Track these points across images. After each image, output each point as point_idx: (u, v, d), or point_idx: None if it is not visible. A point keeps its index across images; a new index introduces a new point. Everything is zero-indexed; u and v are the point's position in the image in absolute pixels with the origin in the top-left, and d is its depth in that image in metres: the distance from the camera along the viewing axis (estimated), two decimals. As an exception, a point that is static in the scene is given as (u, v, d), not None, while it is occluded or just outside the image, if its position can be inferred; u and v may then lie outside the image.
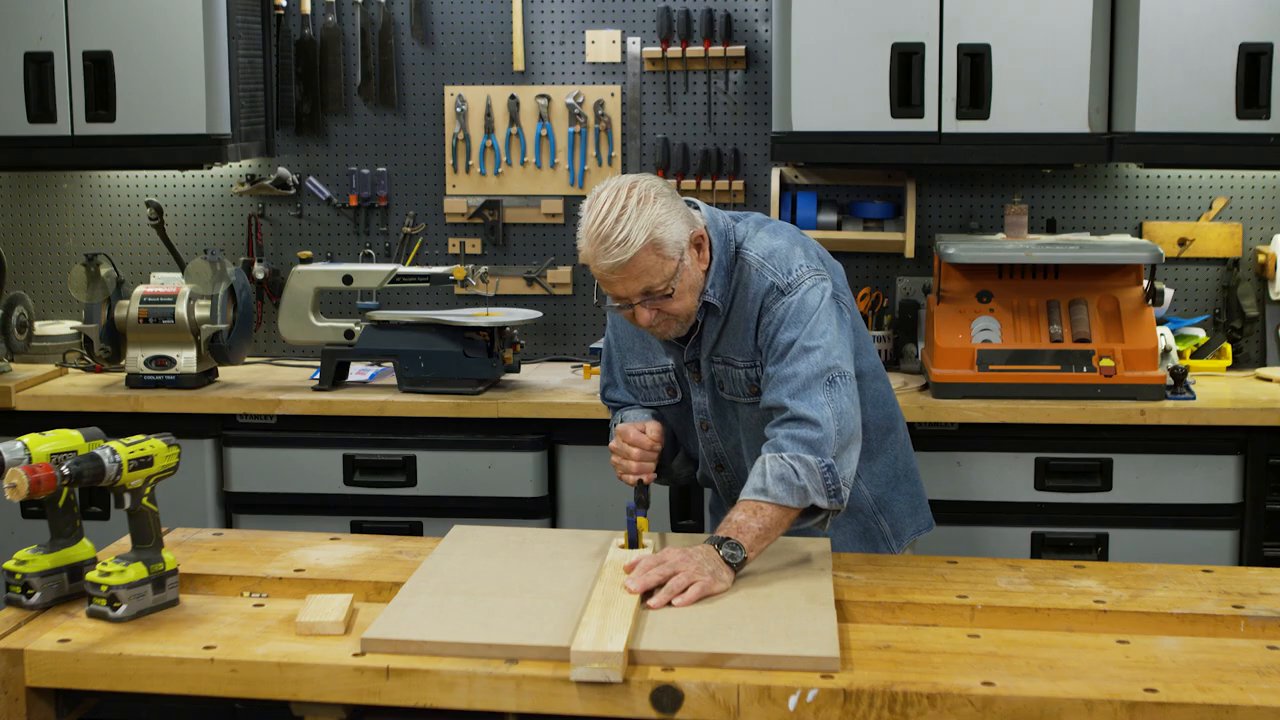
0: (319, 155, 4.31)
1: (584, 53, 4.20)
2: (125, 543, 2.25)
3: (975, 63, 3.70)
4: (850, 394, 2.35)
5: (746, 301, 2.43)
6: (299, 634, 2.04)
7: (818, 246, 2.53)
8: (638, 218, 2.29)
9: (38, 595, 2.16)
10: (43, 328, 4.15)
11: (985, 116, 3.71)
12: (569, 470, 3.72)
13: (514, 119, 4.21)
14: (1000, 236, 3.96)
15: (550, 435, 3.71)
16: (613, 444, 2.54)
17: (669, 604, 2.09)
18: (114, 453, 2.09)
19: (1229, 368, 3.97)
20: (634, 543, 2.32)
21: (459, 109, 4.22)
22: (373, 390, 3.82)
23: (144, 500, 2.15)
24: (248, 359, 4.17)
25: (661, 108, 4.19)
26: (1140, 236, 4.08)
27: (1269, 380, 3.84)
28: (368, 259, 4.29)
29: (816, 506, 2.26)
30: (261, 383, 3.92)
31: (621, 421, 2.61)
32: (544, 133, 4.20)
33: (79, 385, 3.87)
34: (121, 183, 4.36)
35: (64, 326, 4.18)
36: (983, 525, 3.60)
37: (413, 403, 3.70)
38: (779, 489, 2.24)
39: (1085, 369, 3.59)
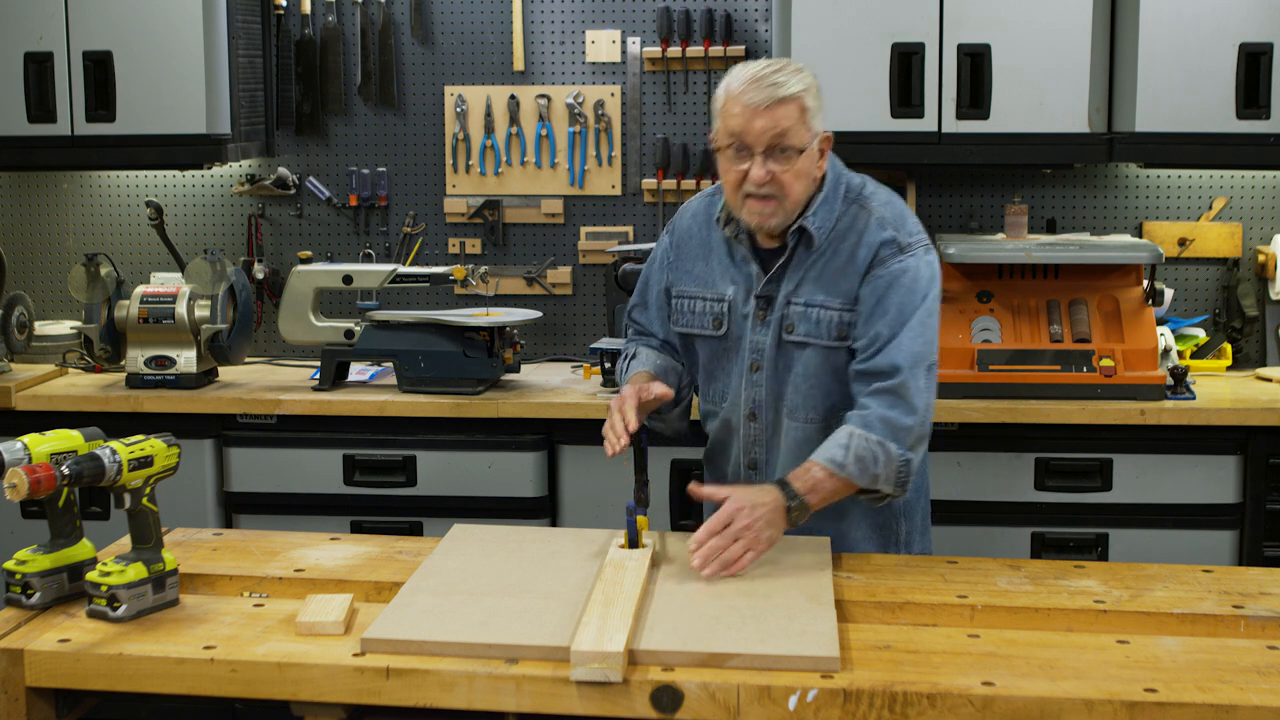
0: (319, 155, 4.31)
1: (584, 53, 4.20)
2: (125, 543, 2.25)
3: (975, 63, 3.70)
4: (935, 386, 2.42)
5: (857, 246, 2.43)
6: (299, 634, 2.04)
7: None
8: (796, 77, 2.36)
9: (38, 595, 2.16)
10: (43, 328, 4.15)
11: (985, 116, 3.71)
12: (569, 470, 3.72)
13: (514, 119, 4.21)
14: (1000, 236, 3.96)
15: (550, 435, 3.71)
16: (611, 406, 2.40)
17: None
18: (114, 453, 2.09)
19: (1229, 368, 3.97)
20: (634, 542, 2.32)
21: (459, 109, 4.22)
22: (373, 390, 3.82)
23: (144, 500, 2.15)
24: (248, 359, 4.17)
25: (661, 108, 4.19)
26: (1140, 236, 4.08)
27: (1269, 380, 3.84)
28: (368, 259, 4.29)
29: (879, 490, 2.36)
30: (261, 383, 3.92)
31: (630, 370, 2.56)
32: (544, 133, 4.20)
33: (79, 385, 3.87)
34: (121, 183, 4.36)
35: (64, 326, 4.18)
36: (983, 525, 3.60)
37: (413, 403, 3.70)
38: (855, 468, 2.31)
39: (1085, 369, 3.59)
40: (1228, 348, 3.99)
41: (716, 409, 2.59)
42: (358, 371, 4.01)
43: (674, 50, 4.12)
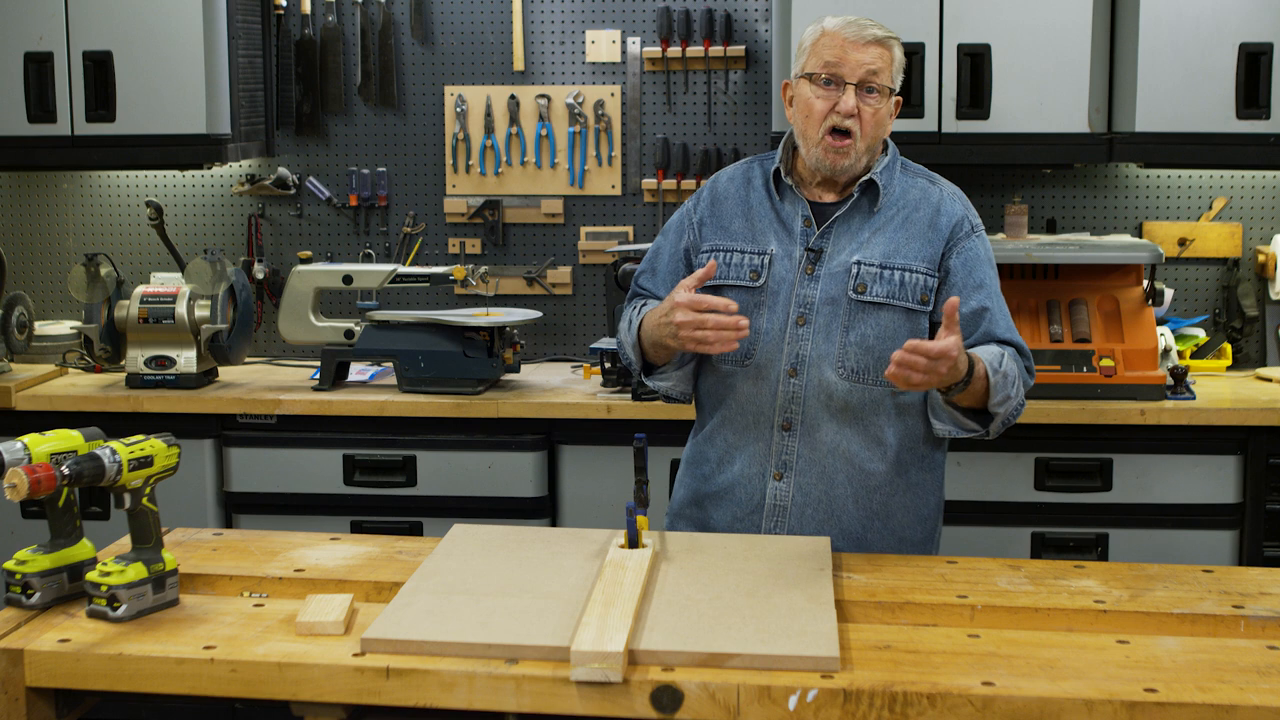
0: (319, 155, 4.31)
1: (584, 53, 4.20)
2: (125, 543, 2.24)
3: (975, 63, 3.70)
4: None
5: (936, 215, 2.47)
6: (299, 634, 2.04)
7: None
8: (892, 32, 2.46)
9: (38, 595, 2.16)
10: (43, 328, 4.15)
11: (985, 116, 3.71)
12: (569, 470, 3.72)
13: (514, 119, 4.21)
14: (1000, 236, 3.96)
15: (550, 435, 3.71)
16: (680, 314, 2.30)
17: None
18: (114, 453, 2.08)
19: (1229, 368, 3.97)
20: (634, 542, 2.32)
21: (459, 109, 4.22)
22: (373, 390, 3.82)
23: (144, 500, 2.15)
24: (248, 359, 4.17)
25: (661, 108, 4.19)
26: (1140, 236, 4.08)
27: (1269, 380, 3.84)
28: (368, 259, 4.29)
29: (990, 415, 2.36)
30: (261, 383, 3.92)
31: (640, 313, 2.49)
32: (544, 133, 4.20)
33: (79, 385, 3.87)
34: (121, 183, 4.36)
35: (64, 326, 4.18)
36: (983, 525, 3.60)
37: (413, 403, 3.70)
38: (999, 380, 2.31)
39: (1085, 369, 3.59)
40: (1228, 348, 3.99)
41: (736, 369, 2.49)
42: (358, 371, 4.01)
43: (674, 50, 4.12)
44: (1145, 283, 3.73)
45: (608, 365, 3.72)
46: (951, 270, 2.44)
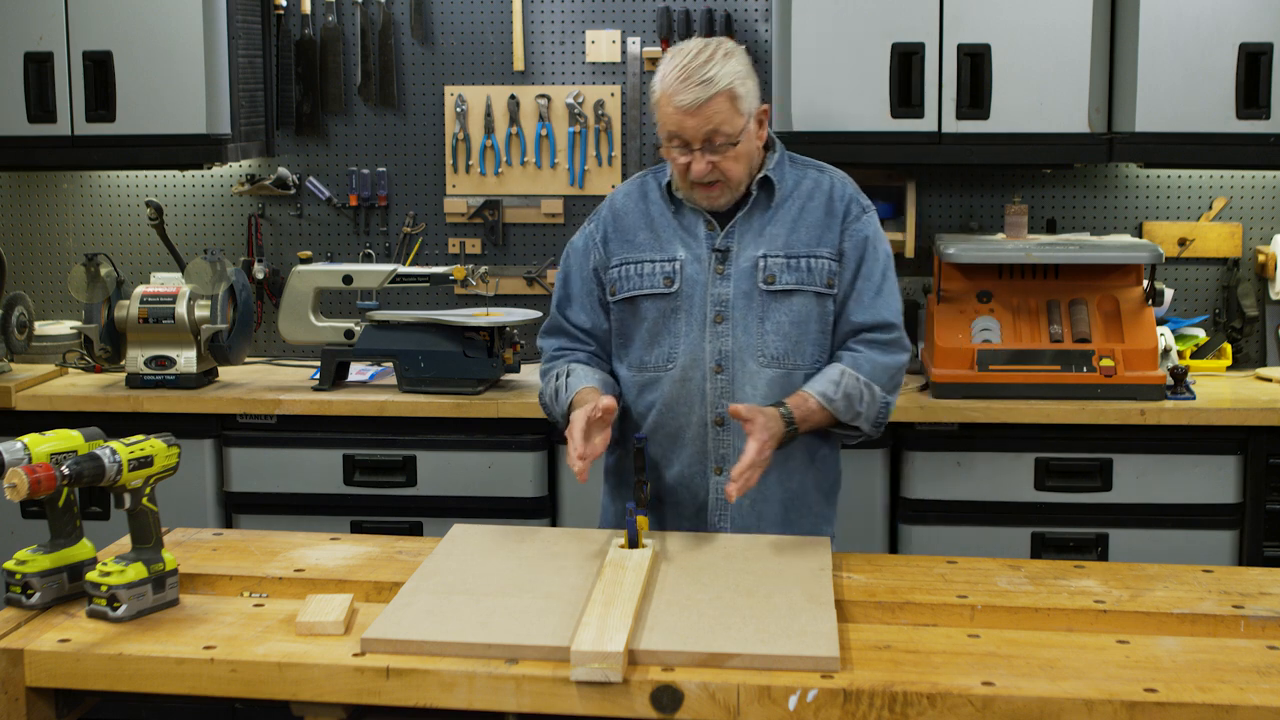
0: (319, 155, 4.31)
1: (584, 53, 4.20)
2: (125, 543, 2.25)
3: (975, 63, 3.70)
4: None
5: (830, 200, 2.58)
6: (299, 634, 2.04)
7: None
8: (723, 66, 2.46)
9: (38, 595, 2.16)
10: (43, 328, 4.15)
11: (985, 116, 3.71)
12: (569, 470, 3.70)
13: (514, 119, 4.21)
14: (1000, 236, 3.96)
15: (550, 435, 3.71)
16: (567, 434, 2.43)
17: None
18: (114, 453, 2.09)
19: (1229, 368, 3.97)
20: (634, 542, 2.32)
21: (459, 109, 4.22)
22: (373, 390, 3.82)
23: (144, 500, 2.15)
24: (248, 359, 4.17)
25: (661, 108, 4.18)
26: (1140, 236, 4.08)
27: (1269, 380, 3.84)
28: (368, 259, 4.29)
29: (860, 427, 2.53)
30: (261, 383, 3.92)
31: (570, 389, 2.55)
32: (544, 133, 4.20)
33: (79, 385, 3.87)
34: (121, 183, 4.36)
35: (64, 326, 4.18)
36: (983, 525, 3.60)
37: (413, 403, 3.70)
38: (842, 404, 2.48)
39: (1085, 369, 3.59)
40: (1228, 348, 3.99)
41: (662, 373, 2.57)
42: (358, 371, 4.01)
43: (674, 50, 4.12)
44: (1145, 283, 3.73)
45: (608, 365, 3.72)
46: (845, 254, 2.57)
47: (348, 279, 3.90)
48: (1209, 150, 3.69)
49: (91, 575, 2.13)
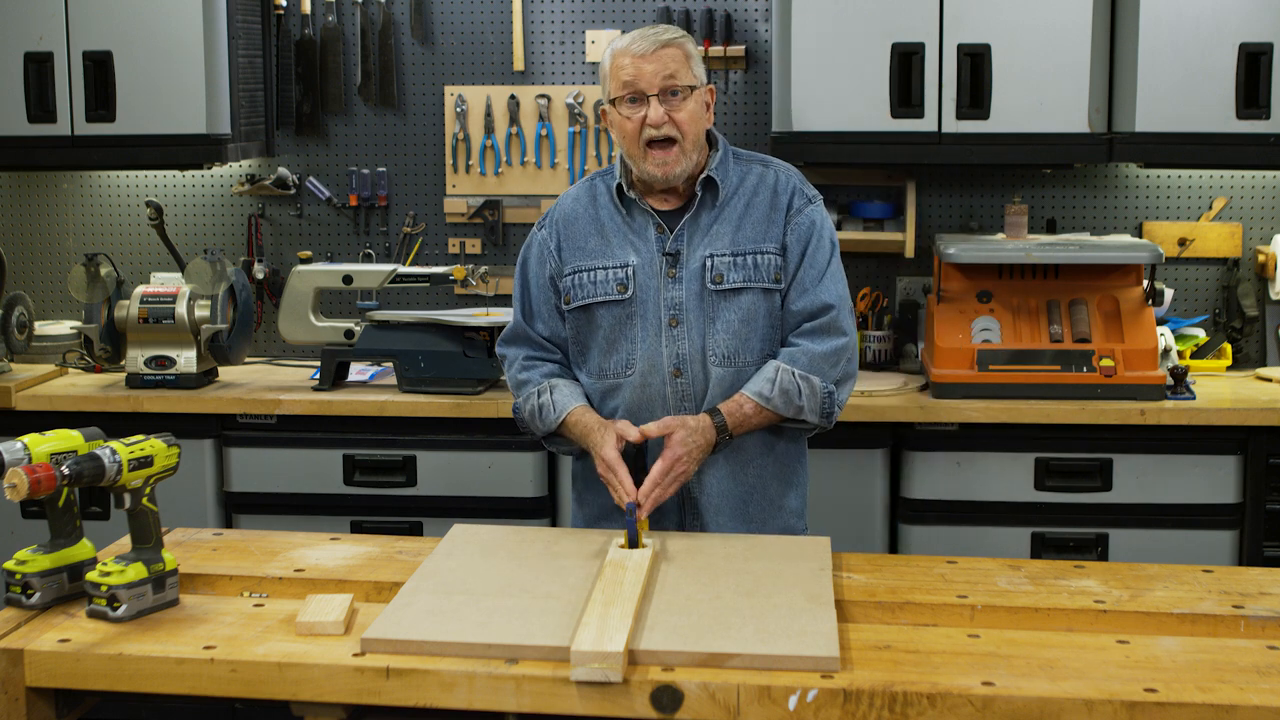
0: (319, 155, 4.31)
1: (584, 53, 4.20)
2: (125, 543, 2.25)
3: (975, 63, 3.70)
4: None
5: (775, 194, 2.59)
6: (299, 634, 2.04)
7: None
8: (676, 32, 2.56)
9: (38, 595, 2.16)
10: (43, 328, 4.15)
11: (985, 116, 3.71)
12: (569, 470, 3.70)
13: (514, 119, 4.21)
14: (1000, 236, 3.96)
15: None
16: (605, 474, 2.49)
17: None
18: (114, 453, 2.09)
19: (1229, 368, 3.97)
20: (634, 542, 2.32)
21: (459, 109, 4.22)
22: (373, 390, 3.82)
23: (144, 500, 2.15)
24: (248, 359, 4.17)
25: (661, 108, 4.19)
26: (1140, 236, 4.08)
27: (1269, 380, 3.84)
28: (368, 259, 4.29)
29: (806, 420, 2.54)
30: (261, 383, 3.92)
31: (559, 407, 2.57)
32: (544, 133, 4.20)
33: (79, 385, 3.87)
34: (121, 183, 4.36)
35: (64, 326, 4.18)
36: (983, 525, 3.60)
37: (413, 403, 3.70)
38: (780, 401, 2.50)
39: (1085, 369, 3.59)
40: (1228, 348, 3.99)
41: (620, 380, 2.58)
42: (358, 371, 4.01)
43: (674, 50, 4.12)
44: (1145, 283, 3.73)
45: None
46: (788, 247, 2.57)
47: (348, 279, 3.90)
48: (1209, 150, 3.69)
49: (91, 575, 2.12)
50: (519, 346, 2.69)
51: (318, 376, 3.90)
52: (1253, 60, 3.62)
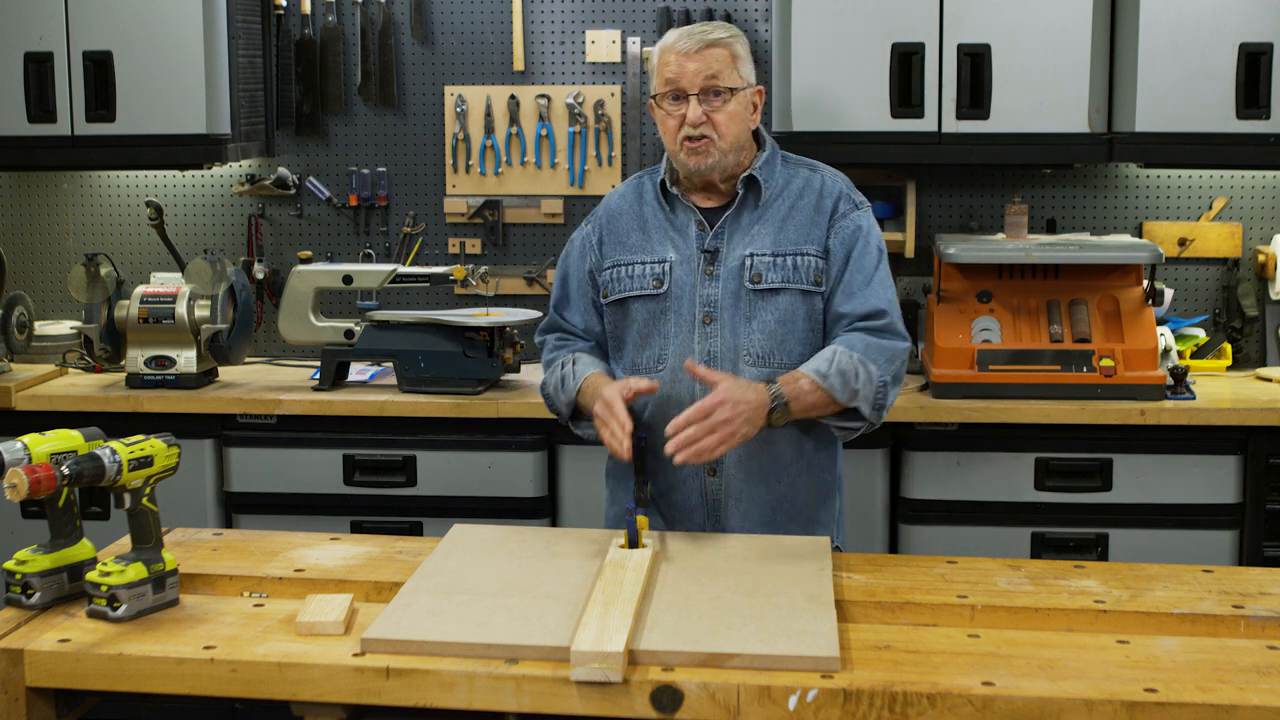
0: (319, 155, 4.31)
1: (584, 53, 4.20)
2: (125, 543, 2.25)
3: (975, 63, 3.70)
4: None
5: (820, 198, 2.57)
6: (299, 634, 2.04)
7: None
8: (725, 29, 2.55)
9: (38, 595, 2.16)
10: (43, 328, 4.15)
11: (985, 116, 3.71)
12: (569, 470, 3.72)
13: (514, 119, 4.21)
14: (1000, 236, 3.96)
15: (550, 435, 3.71)
16: (598, 406, 2.44)
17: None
18: (114, 453, 2.09)
19: (1229, 368, 3.97)
20: (634, 542, 2.32)
21: (459, 109, 4.22)
22: (373, 390, 3.82)
23: (144, 500, 2.15)
24: (248, 359, 4.17)
25: (661, 108, 4.18)
26: (1140, 236, 4.08)
27: (1269, 380, 3.84)
28: (368, 259, 4.29)
29: (859, 412, 2.46)
30: (261, 383, 3.92)
31: (578, 375, 2.57)
32: (544, 133, 4.20)
33: (79, 385, 3.87)
34: (121, 183, 4.36)
35: (64, 326, 4.18)
36: (983, 525, 3.60)
37: (413, 403, 3.70)
38: (837, 381, 2.42)
39: (1085, 369, 3.59)
40: (1228, 348, 3.99)
41: (653, 374, 2.57)
42: (358, 371, 4.01)
43: (674, 50, 4.12)
44: (1145, 283, 3.73)
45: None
46: (831, 250, 2.55)
47: (348, 279, 3.90)
48: (1209, 150, 3.69)
49: (91, 575, 2.12)
50: (552, 334, 2.74)
51: (318, 376, 3.90)
52: (1253, 60, 3.62)
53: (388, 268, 3.89)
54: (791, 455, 2.57)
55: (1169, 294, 3.91)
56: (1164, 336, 3.77)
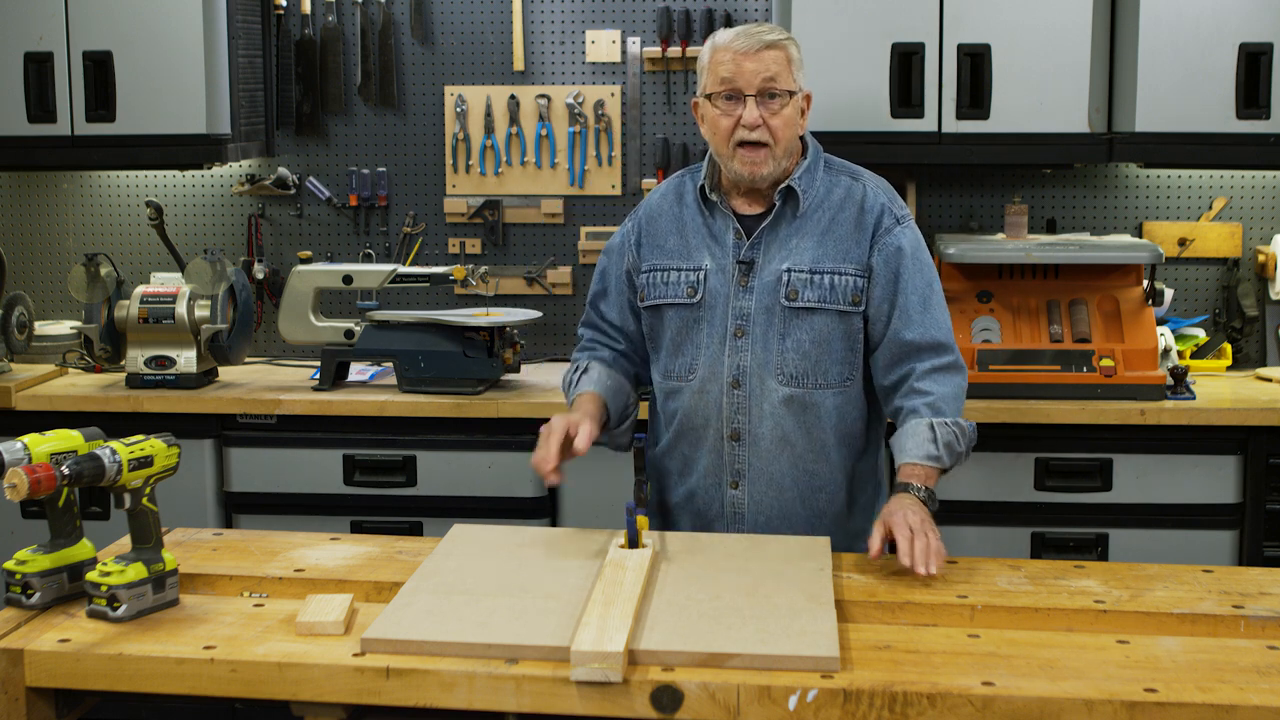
0: (319, 155, 4.31)
1: (584, 53, 4.20)
2: (125, 543, 2.25)
3: (975, 63, 3.70)
4: None
5: (861, 213, 2.51)
6: (299, 634, 2.04)
7: None
8: (783, 34, 2.49)
9: (38, 595, 2.16)
10: (43, 328, 4.15)
11: (985, 116, 3.71)
12: (569, 470, 3.70)
13: (514, 119, 4.21)
14: (1000, 236, 3.96)
15: (550, 435, 3.70)
16: (543, 431, 2.44)
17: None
18: (114, 453, 2.09)
19: (1229, 368, 3.97)
20: (634, 542, 2.32)
21: (459, 109, 4.22)
22: (373, 390, 3.82)
23: (144, 500, 2.15)
24: (248, 359, 4.17)
25: (661, 108, 4.19)
26: (1140, 236, 4.08)
27: (1269, 380, 3.84)
28: (368, 259, 4.29)
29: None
30: (261, 383, 3.92)
31: (578, 386, 2.59)
32: (544, 133, 4.20)
33: (79, 385, 3.87)
34: (121, 183, 4.36)
35: (64, 326, 4.18)
36: (983, 525, 3.60)
37: (413, 403, 3.70)
38: (948, 457, 2.44)
39: (1085, 369, 3.59)
40: (1228, 348, 3.99)
41: (683, 383, 2.56)
42: (358, 371, 4.01)
43: (674, 50, 4.12)
44: (1145, 283, 3.73)
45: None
46: (874, 269, 2.49)
47: (348, 279, 3.90)
48: (1209, 150, 3.69)
49: (91, 575, 2.12)
50: (589, 329, 2.74)
51: (318, 376, 3.90)
52: (1253, 60, 3.62)
53: (388, 268, 3.89)
54: (829, 470, 2.56)
55: (1169, 294, 3.91)
56: (1164, 336, 3.77)
